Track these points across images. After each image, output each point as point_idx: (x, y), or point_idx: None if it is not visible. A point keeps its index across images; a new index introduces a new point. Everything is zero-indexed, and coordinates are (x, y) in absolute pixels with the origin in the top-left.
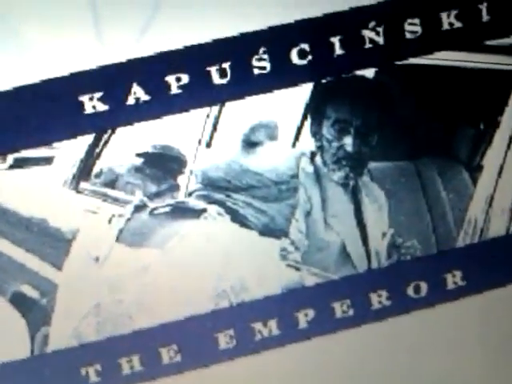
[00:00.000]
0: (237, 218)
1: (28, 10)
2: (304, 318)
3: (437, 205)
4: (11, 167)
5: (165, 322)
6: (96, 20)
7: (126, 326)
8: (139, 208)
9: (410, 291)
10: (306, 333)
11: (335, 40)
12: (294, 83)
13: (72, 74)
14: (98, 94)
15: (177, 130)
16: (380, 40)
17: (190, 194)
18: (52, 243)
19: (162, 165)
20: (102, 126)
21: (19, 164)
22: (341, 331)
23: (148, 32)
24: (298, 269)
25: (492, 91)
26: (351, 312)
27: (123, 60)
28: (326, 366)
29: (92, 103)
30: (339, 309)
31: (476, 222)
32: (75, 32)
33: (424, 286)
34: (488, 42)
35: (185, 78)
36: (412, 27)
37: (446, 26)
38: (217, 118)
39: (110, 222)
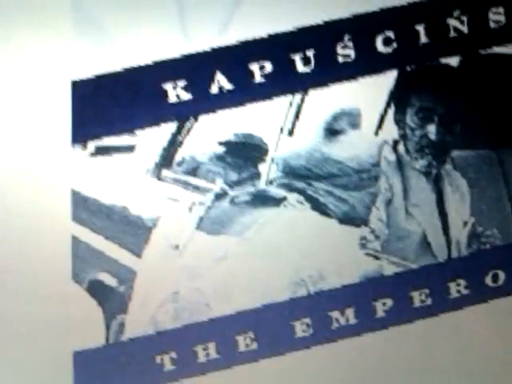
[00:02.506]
0: (317, 206)
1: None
2: (381, 307)
3: None
4: (93, 155)
5: (242, 310)
6: (180, 11)
7: (203, 314)
8: (220, 196)
9: (488, 280)
10: (383, 322)
11: (420, 28)
12: (378, 71)
13: (155, 63)
14: (182, 83)
15: (259, 119)
16: (464, 29)
17: (270, 183)
18: (132, 231)
19: (244, 153)
20: (184, 114)
21: (101, 152)
22: (418, 321)
23: (231, 23)
24: (377, 258)
25: None
26: (429, 301)
27: (207, 49)
28: (403, 355)
29: (175, 92)
30: (417, 298)
31: None
32: (159, 25)
33: (502, 275)
34: None
35: (268, 67)
36: (496, 16)
37: None
38: (299, 106)
39: (190, 210)
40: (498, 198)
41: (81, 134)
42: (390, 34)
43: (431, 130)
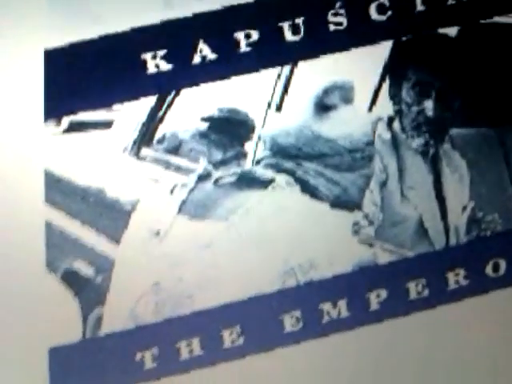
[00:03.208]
0: (307, 188)
1: None
2: (376, 298)
3: None
4: (66, 131)
5: (227, 302)
6: None
7: (186, 307)
8: (203, 177)
9: (489, 270)
10: (377, 315)
11: None
12: (372, 41)
13: (133, 30)
14: (162, 52)
15: (245, 92)
16: None
17: (257, 162)
18: (110, 215)
19: (229, 130)
20: (165, 86)
21: (75, 128)
22: (415, 313)
23: None
24: (371, 245)
25: None
26: (426, 292)
27: (189, 15)
28: (399, 350)
29: (155, 62)
30: (414, 289)
31: None
32: None
33: (503, 264)
34: None
35: (255, 35)
36: None
37: None
38: (288, 79)
39: (172, 192)
40: (498, 181)
41: (54, 108)
42: (385, 1)
43: (428, 105)
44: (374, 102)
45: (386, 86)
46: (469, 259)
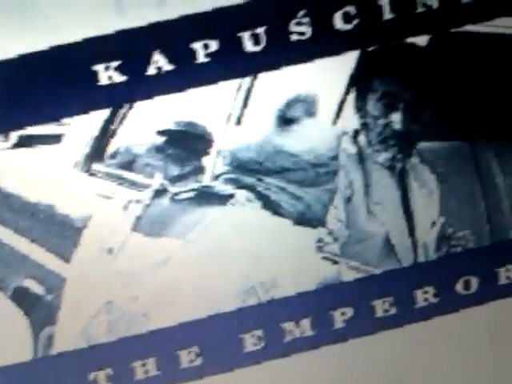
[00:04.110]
0: (269, 204)
1: None
2: (341, 317)
3: (492, 191)
4: (15, 146)
5: (185, 322)
6: None
7: (141, 326)
8: (159, 193)
9: (459, 287)
10: (342, 333)
11: (384, 2)
12: (336, 51)
13: (85, 40)
14: (115, 63)
15: (203, 105)
16: (434, 3)
17: (216, 178)
18: (60, 232)
19: (186, 144)
20: (118, 99)
21: (24, 142)
22: (382, 332)
23: None
24: (335, 262)
25: None
26: (393, 310)
27: (143, 24)
28: (364, 370)
29: (108, 73)
30: (380, 307)
31: None
32: None
33: (474, 282)
34: None
35: (213, 45)
36: None
37: None
38: (248, 91)
39: (125, 208)
40: (470, 196)
41: (1, 122)
42: (351, 9)
43: (396, 118)
44: (338, 114)
45: (351, 98)
46: (438, 276)
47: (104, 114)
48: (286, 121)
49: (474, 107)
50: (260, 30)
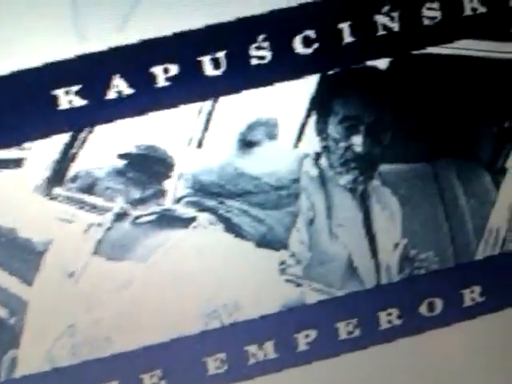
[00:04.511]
0: (231, 227)
1: None
2: (304, 339)
3: (455, 212)
4: None
5: (148, 345)
6: (73, 4)
7: (105, 349)
8: (120, 216)
9: (423, 309)
10: (306, 356)
11: (344, 26)
12: (297, 75)
13: (46, 65)
14: (75, 88)
15: (164, 129)
16: (395, 26)
17: (177, 201)
18: (22, 256)
19: (147, 168)
20: (78, 123)
21: None
22: (345, 354)
23: (131, 19)
24: (298, 284)
25: None
26: (357, 332)
27: (103, 49)
28: None
29: (68, 98)
30: (344, 329)
31: (498, 231)
32: (49, 21)
33: (439, 303)
34: None
35: (173, 69)
36: (431, 12)
37: (468, 12)
38: (209, 115)
39: (86, 232)
40: (433, 218)
41: None
42: (310, 33)
43: (357, 141)
44: (299, 138)
45: (312, 121)
46: (402, 298)
47: (64, 138)
48: (247, 144)
49: (434, 128)
50: (220, 54)
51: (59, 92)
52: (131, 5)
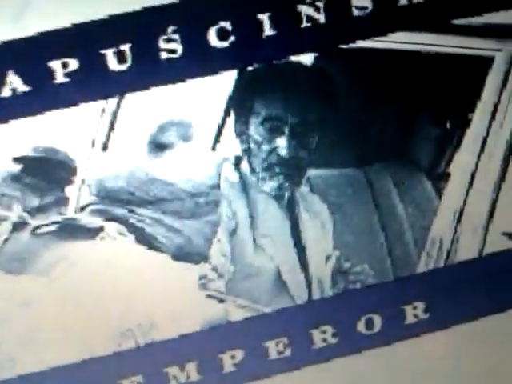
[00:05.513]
0: (143, 238)
1: None
2: (230, 360)
3: (392, 221)
4: None
5: (56, 366)
6: None
7: (8, 371)
8: (18, 226)
9: (361, 326)
10: (233, 377)
11: (264, 17)
12: (212, 71)
13: None
14: None
15: (64, 129)
16: (320, 18)
17: (82, 209)
18: None
19: (46, 172)
20: None
21: None
22: (276, 375)
23: (27, 10)
24: (221, 300)
25: (461, 82)
26: (288, 352)
27: None
28: None
29: None
30: (274, 348)
31: (441, 242)
32: None
33: (378, 320)
34: (456, 22)
35: (73, 64)
36: (361, 2)
37: (403, 1)
38: (114, 114)
39: None
40: (367, 227)
41: None
42: (226, 25)
43: (281, 143)
44: (217, 139)
45: (230, 121)
46: (337, 315)
47: None
48: (158, 146)
49: (366, 130)
50: (125, 47)
51: None
52: None
